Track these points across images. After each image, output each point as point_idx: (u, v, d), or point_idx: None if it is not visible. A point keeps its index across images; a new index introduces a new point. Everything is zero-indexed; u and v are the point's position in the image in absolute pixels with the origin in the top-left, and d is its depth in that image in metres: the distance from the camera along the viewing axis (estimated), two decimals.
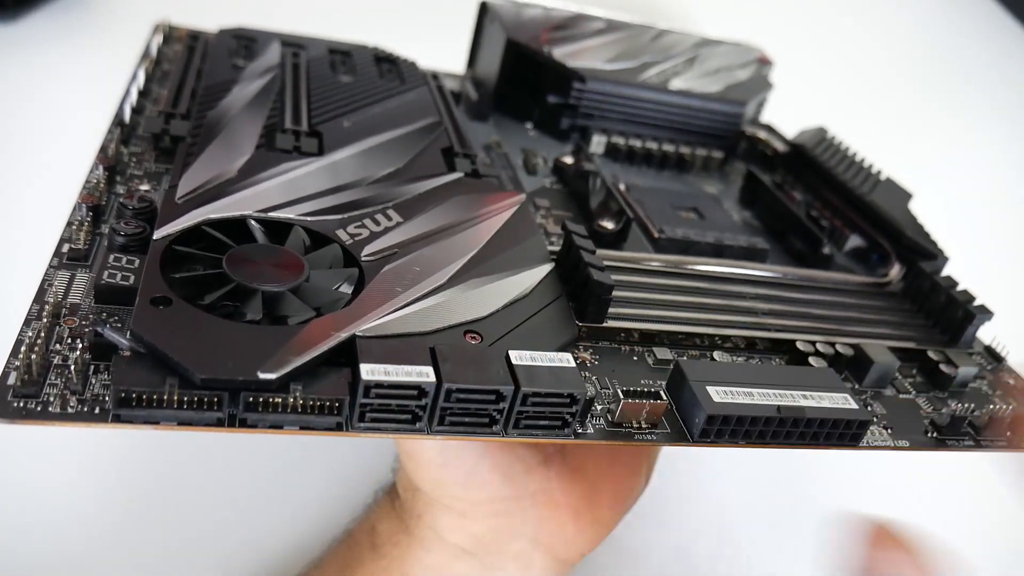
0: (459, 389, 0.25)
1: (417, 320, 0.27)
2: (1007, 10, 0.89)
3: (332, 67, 0.45)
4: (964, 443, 0.32)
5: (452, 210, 0.34)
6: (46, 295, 0.27)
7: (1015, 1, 0.89)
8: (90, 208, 0.30)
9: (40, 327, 0.25)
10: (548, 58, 0.47)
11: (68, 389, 0.24)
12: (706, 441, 0.28)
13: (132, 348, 0.24)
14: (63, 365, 0.24)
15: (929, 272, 0.38)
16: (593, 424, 0.28)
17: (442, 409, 0.25)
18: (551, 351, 0.28)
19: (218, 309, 0.26)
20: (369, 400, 0.25)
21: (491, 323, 0.29)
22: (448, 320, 0.28)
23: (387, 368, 0.25)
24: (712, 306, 0.35)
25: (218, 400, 0.23)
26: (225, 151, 0.34)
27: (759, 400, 0.29)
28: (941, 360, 0.35)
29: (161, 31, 0.47)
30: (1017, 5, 0.88)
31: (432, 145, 0.39)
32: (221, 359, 0.24)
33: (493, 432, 0.26)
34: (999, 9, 0.91)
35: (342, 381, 0.25)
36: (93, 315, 0.26)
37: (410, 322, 0.27)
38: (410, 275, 0.29)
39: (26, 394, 0.23)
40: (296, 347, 0.24)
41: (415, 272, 0.30)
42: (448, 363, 0.25)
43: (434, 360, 0.25)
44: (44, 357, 0.24)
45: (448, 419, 0.26)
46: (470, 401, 0.25)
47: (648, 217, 0.40)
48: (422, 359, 0.25)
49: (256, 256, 0.28)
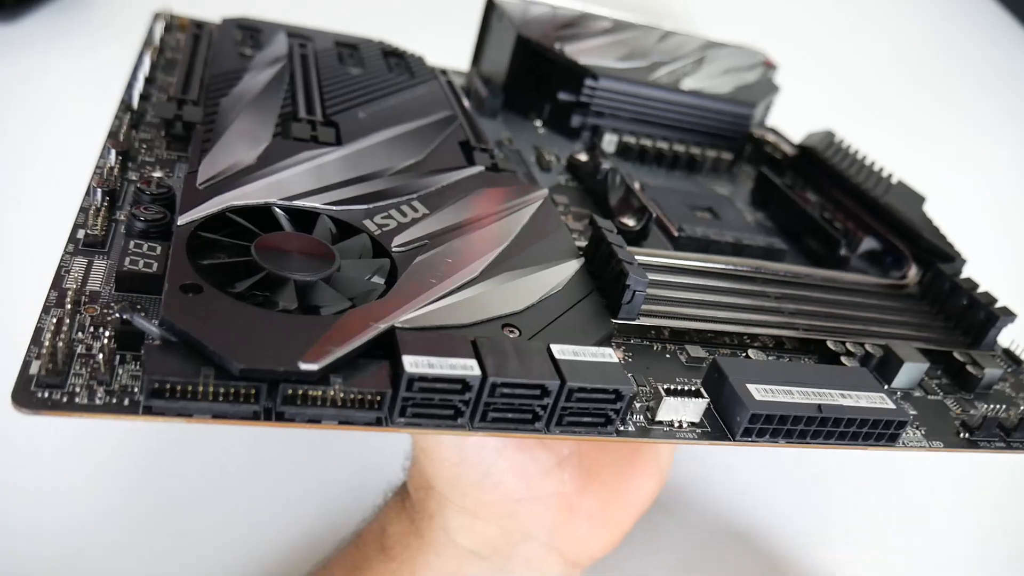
0: (504, 383, 0.24)
1: (455, 312, 0.26)
2: (1009, 13, 0.90)
3: (340, 59, 0.44)
4: (995, 444, 0.32)
5: (476, 203, 0.33)
6: (64, 281, 0.25)
7: (1017, 3, 0.89)
8: (105, 193, 0.29)
9: (60, 315, 0.24)
10: (560, 55, 0.47)
11: (95, 379, 0.22)
12: (747, 440, 0.28)
13: (162, 336, 0.23)
14: (87, 354, 0.23)
15: (949, 274, 0.38)
16: (634, 422, 0.27)
17: (485, 404, 0.24)
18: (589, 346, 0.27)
19: (248, 298, 0.25)
20: (412, 394, 0.24)
21: (528, 317, 0.28)
22: (486, 313, 0.27)
23: (431, 360, 0.24)
24: (741, 305, 0.34)
25: (255, 392, 0.22)
26: (242, 138, 0.33)
27: (799, 399, 0.28)
28: (967, 362, 0.35)
29: (163, 19, 0.45)
30: (1019, 7, 0.89)
31: (449, 139, 0.38)
32: (260, 349, 0.22)
33: (535, 429, 0.25)
34: (999, 10, 0.92)
35: (383, 374, 0.24)
36: (115, 303, 0.25)
37: (447, 314, 0.26)
38: (443, 267, 0.28)
39: (51, 384, 0.22)
40: (335, 338, 0.23)
41: (448, 264, 0.29)
42: (491, 356, 0.24)
43: (477, 353, 0.25)
44: (68, 346, 0.23)
45: (491, 415, 0.25)
46: (514, 396, 0.25)
47: (667, 215, 0.40)
48: (464, 352, 0.24)
49: (285, 244, 0.27)
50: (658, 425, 0.27)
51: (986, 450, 0.32)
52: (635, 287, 0.30)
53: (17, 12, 0.60)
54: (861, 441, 0.29)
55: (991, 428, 0.32)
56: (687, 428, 0.28)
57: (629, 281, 0.30)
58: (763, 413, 0.27)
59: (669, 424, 0.28)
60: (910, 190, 0.45)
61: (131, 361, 0.23)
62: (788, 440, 0.28)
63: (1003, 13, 0.91)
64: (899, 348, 0.33)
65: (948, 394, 0.34)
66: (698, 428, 0.28)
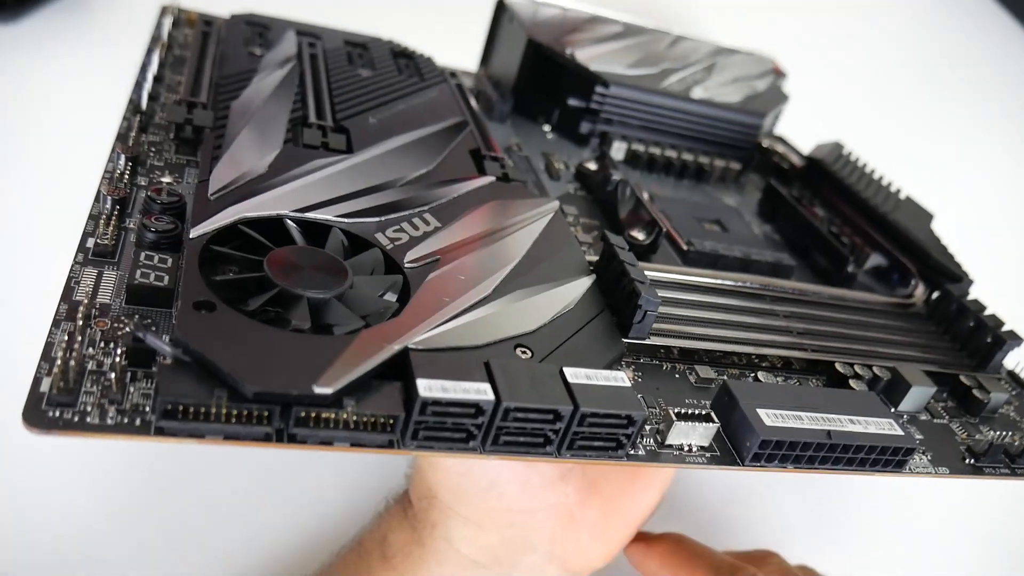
0: (518, 408, 0.24)
1: (468, 333, 0.26)
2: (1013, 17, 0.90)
3: (349, 59, 0.44)
4: (1000, 471, 0.32)
5: (488, 216, 0.33)
6: (74, 294, 0.25)
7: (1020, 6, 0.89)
8: (116, 201, 0.28)
9: (71, 328, 0.23)
10: (571, 60, 0.46)
11: (106, 398, 0.22)
12: (756, 465, 0.28)
13: (175, 355, 0.22)
14: (98, 371, 0.23)
15: (957, 295, 0.38)
16: (644, 445, 0.27)
17: (498, 428, 0.24)
18: (600, 367, 0.27)
19: (260, 315, 0.25)
20: (425, 417, 0.23)
21: (540, 337, 0.28)
22: (498, 334, 0.27)
23: (444, 384, 0.23)
24: (749, 324, 0.34)
25: (268, 414, 0.22)
26: (253, 145, 0.32)
27: (808, 424, 0.28)
28: (973, 385, 0.35)
29: (170, 14, 0.45)
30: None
31: (460, 146, 0.38)
32: (274, 371, 0.22)
33: (547, 452, 0.25)
34: (999, 10, 0.91)
35: (396, 396, 0.24)
36: (126, 317, 0.25)
37: (461, 335, 0.26)
38: (456, 285, 0.28)
39: (62, 403, 0.22)
40: (350, 359, 0.23)
41: (460, 281, 0.28)
42: (505, 380, 0.24)
43: (491, 376, 0.24)
44: (79, 363, 0.23)
45: (503, 439, 0.25)
46: (527, 420, 0.24)
47: (675, 228, 0.40)
48: (478, 375, 0.24)
49: (297, 259, 0.27)
50: (668, 449, 0.27)
51: (991, 476, 0.32)
52: (647, 307, 0.30)
53: (18, 12, 0.59)
54: (869, 467, 0.29)
55: (997, 455, 0.32)
56: (697, 452, 0.28)
57: (641, 301, 0.30)
58: (773, 439, 0.27)
59: (679, 448, 0.28)
60: (918, 207, 0.45)
61: (143, 379, 0.23)
62: (796, 466, 0.28)
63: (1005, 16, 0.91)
64: (907, 371, 0.33)
65: (954, 418, 0.34)
66: (707, 452, 0.28)
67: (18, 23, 0.59)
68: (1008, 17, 0.90)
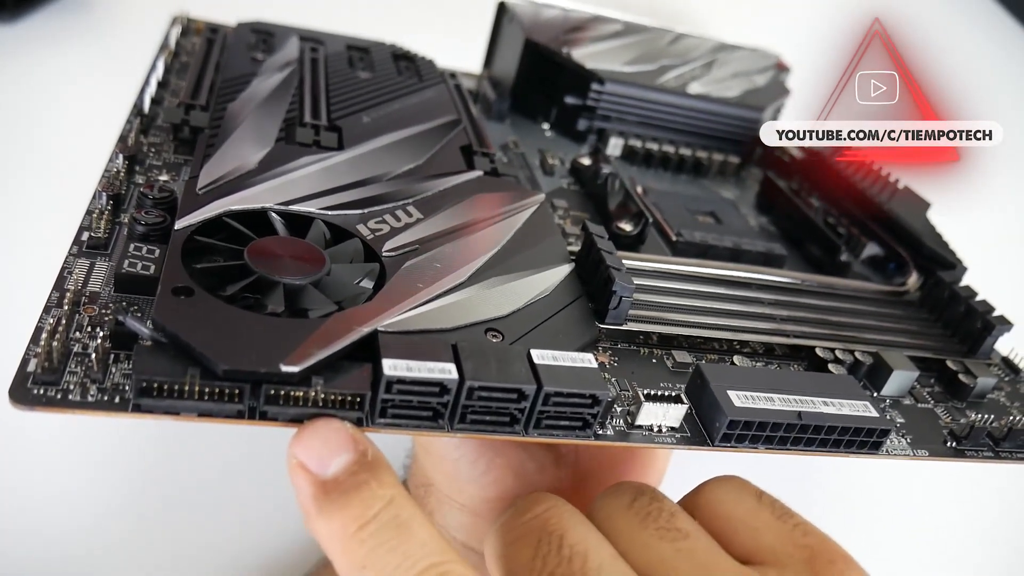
0: (481, 387, 0.25)
1: (439, 317, 0.27)
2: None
3: (350, 63, 0.45)
4: (983, 454, 0.32)
5: (471, 208, 0.34)
6: (66, 283, 0.27)
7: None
8: (110, 197, 0.30)
9: (60, 315, 0.25)
10: (567, 59, 0.47)
11: (88, 377, 0.24)
12: (726, 446, 0.28)
13: (153, 337, 0.24)
14: (83, 353, 0.24)
15: (948, 282, 0.38)
16: (613, 426, 0.28)
17: (463, 407, 0.25)
18: (572, 351, 0.27)
19: (239, 301, 0.26)
20: (391, 396, 0.24)
21: (512, 322, 0.28)
22: (469, 318, 0.28)
23: (409, 364, 0.24)
24: (731, 311, 0.34)
25: (239, 392, 0.23)
26: (245, 143, 0.34)
27: (780, 406, 0.29)
28: (960, 370, 0.35)
29: (180, 23, 0.46)
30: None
31: (451, 143, 0.39)
32: (243, 350, 0.23)
33: (513, 431, 0.26)
34: (999, 10, 0.90)
35: (364, 376, 0.25)
36: (113, 304, 0.26)
37: (432, 319, 0.27)
38: (431, 272, 0.29)
39: (46, 381, 0.23)
40: (318, 340, 0.24)
41: (436, 269, 0.29)
42: (470, 360, 0.25)
43: (456, 357, 0.25)
44: (64, 345, 0.24)
45: (469, 417, 0.25)
46: (492, 399, 0.25)
47: (666, 220, 0.40)
48: (444, 356, 0.25)
49: (277, 248, 0.28)
50: (637, 429, 0.28)
51: (973, 459, 0.32)
52: (621, 293, 0.30)
53: (18, 12, 0.60)
54: (843, 449, 0.29)
55: (979, 438, 0.32)
56: (666, 432, 0.28)
57: (615, 287, 0.30)
58: (742, 419, 0.28)
59: (648, 428, 0.28)
60: (915, 195, 0.45)
61: (124, 360, 0.24)
62: (768, 447, 0.29)
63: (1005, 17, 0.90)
64: (889, 356, 0.34)
65: (939, 402, 0.34)
66: (677, 433, 0.28)
67: (18, 23, 0.60)
68: (1008, 17, 0.89)
